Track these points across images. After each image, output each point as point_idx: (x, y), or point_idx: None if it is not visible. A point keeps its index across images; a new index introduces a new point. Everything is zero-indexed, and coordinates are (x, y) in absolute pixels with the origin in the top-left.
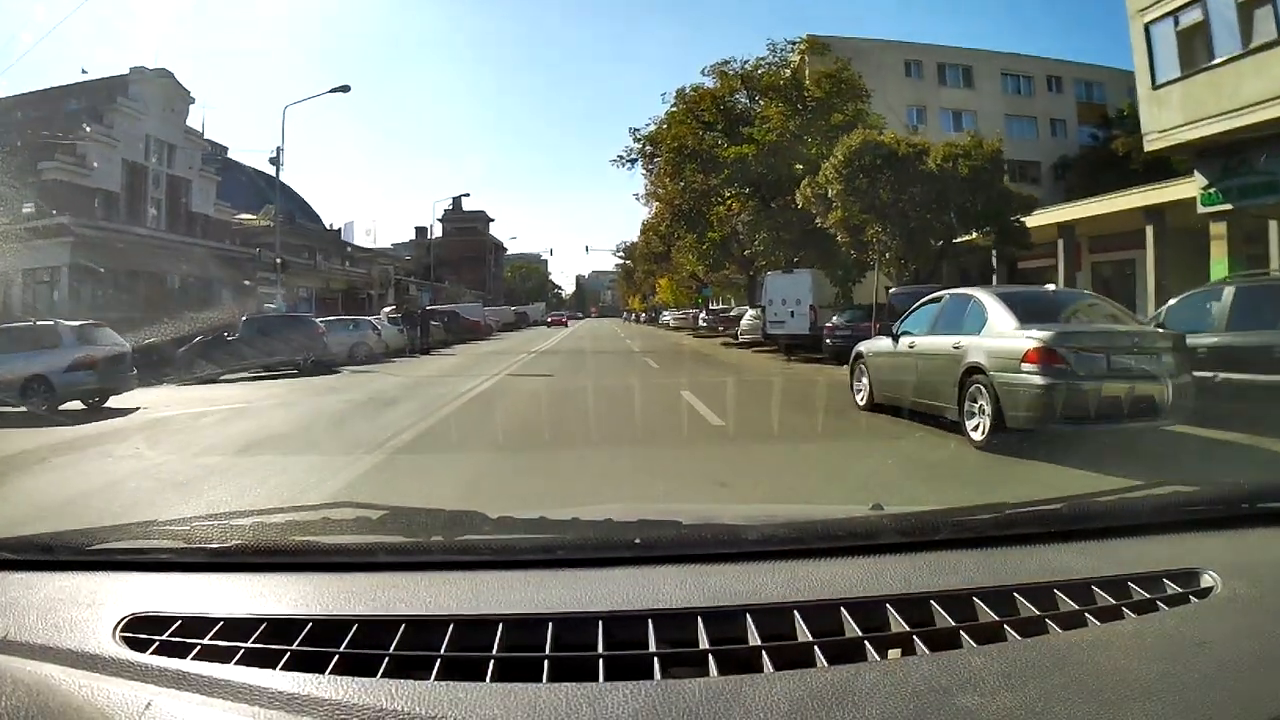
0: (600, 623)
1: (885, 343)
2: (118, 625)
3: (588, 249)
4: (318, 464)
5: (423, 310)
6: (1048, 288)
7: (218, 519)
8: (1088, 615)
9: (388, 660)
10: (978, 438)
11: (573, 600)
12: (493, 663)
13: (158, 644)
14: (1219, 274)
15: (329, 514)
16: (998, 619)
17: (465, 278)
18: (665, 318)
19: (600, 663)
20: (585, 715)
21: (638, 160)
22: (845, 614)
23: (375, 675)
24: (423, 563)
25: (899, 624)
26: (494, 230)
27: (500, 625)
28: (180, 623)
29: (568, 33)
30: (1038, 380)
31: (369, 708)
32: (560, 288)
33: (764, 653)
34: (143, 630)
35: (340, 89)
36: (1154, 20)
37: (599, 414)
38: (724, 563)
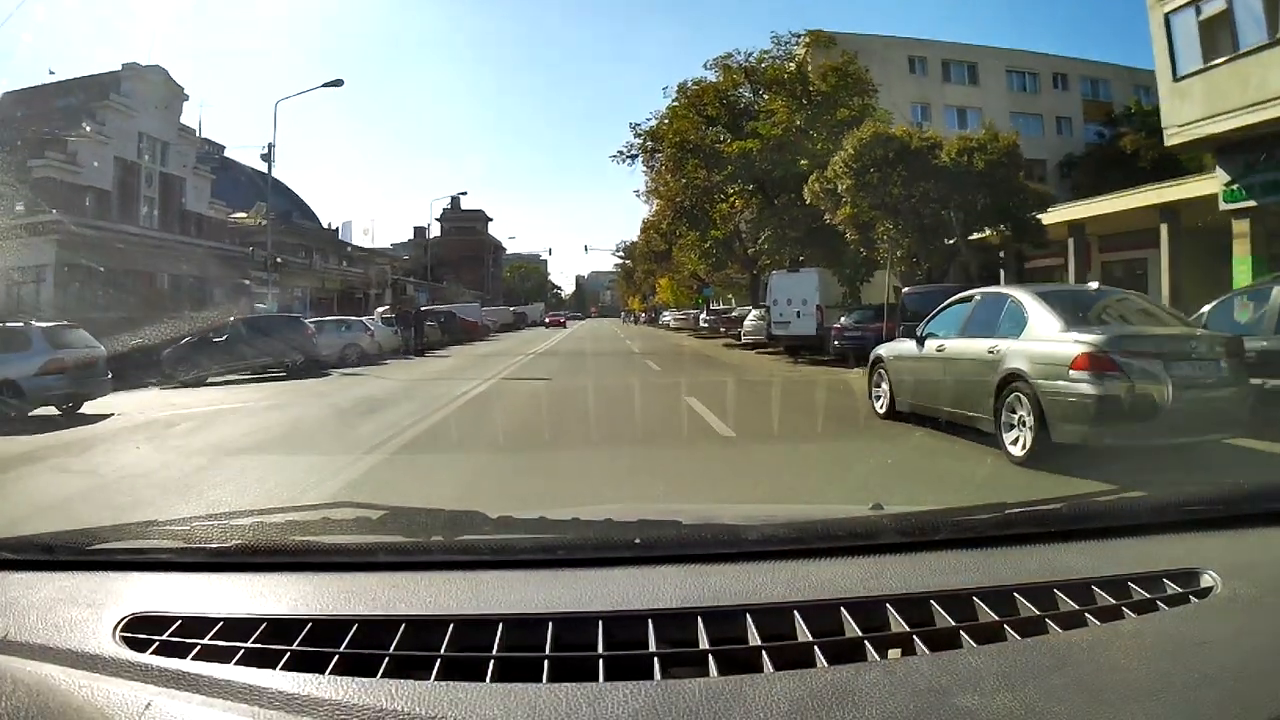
0: (600, 623)
1: (908, 346)
2: (118, 625)
3: (587, 248)
4: (285, 481)
5: (416, 310)
6: (1090, 286)
7: (218, 519)
8: (1088, 615)
9: (388, 660)
10: (1017, 452)
11: (573, 600)
12: (493, 663)
13: (158, 644)
14: (1242, 273)
15: (329, 514)
16: (998, 619)
17: (464, 278)
18: (665, 318)
19: (600, 663)
20: (585, 715)
21: (638, 156)
22: (845, 614)
23: (375, 675)
24: (423, 563)
25: (899, 624)
26: (493, 230)
27: (500, 625)
28: (180, 623)
29: (567, 32)
30: (1088, 389)
31: (369, 708)
32: (559, 288)
33: (764, 653)
34: (143, 630)
35: (333, 83)
36: (1174, 9)
37: (598, 421)
38: (724, 563)
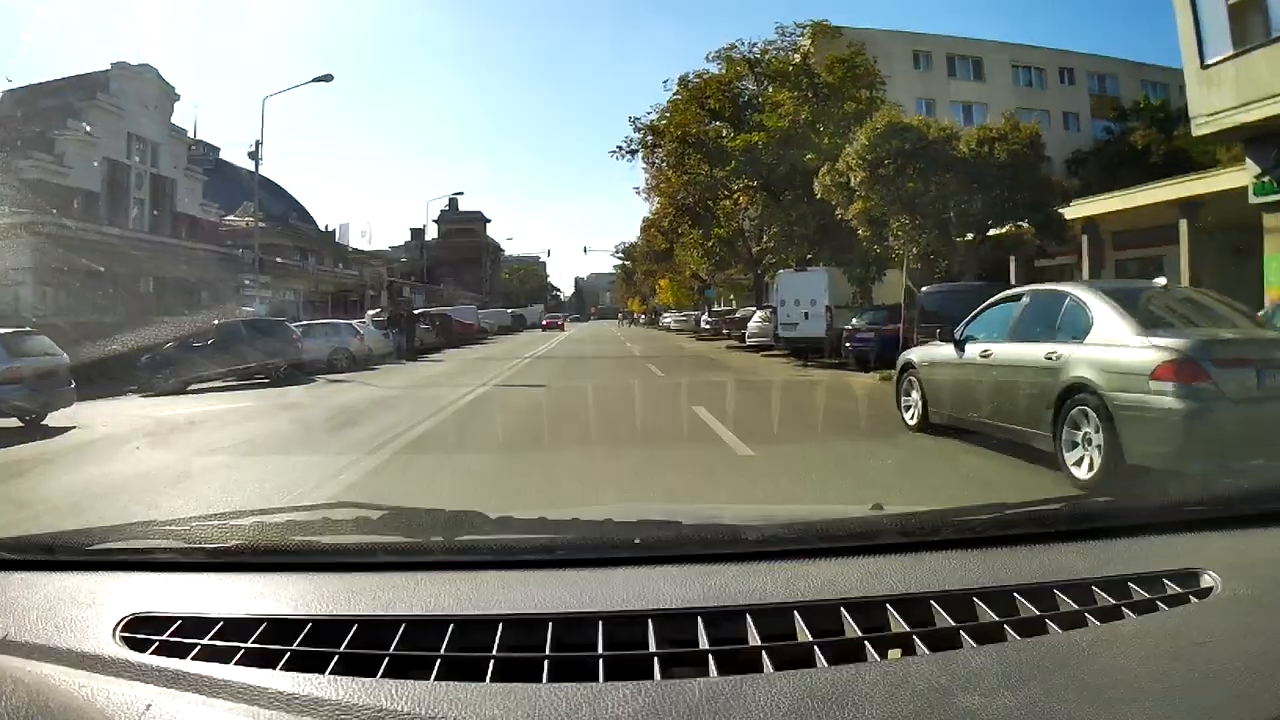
0: (600, 623)
1: (945, 351)
2: (118, 625)
3: (586, 250)
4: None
5: (408, 313)
6: (1156, 282)
7: (218, 519)
8: (1088, 615)
9: (388, 660)
10: (1082, 474)
11: (573, 600)
12: (493, 663)
13: (158, 644)
14: (1275, 271)
15: (329, 514)
16: (998, 619)
17: (462, 280)
18: (666, 320)
19: (600, 663)
20: (585, 715)
21: (638, 151)
22: (845, 614)
23: (375, 675)
24: (423, 563)
25: (899, 624)
26: (491, 232)
27: (500, 625)
28: (180, 623)
29: (567, 32)
30: (1173, 403)
31: (369, 708)
32: (558, 290)
33: (764, 653)
34: (143, 630)
35: (322, 78)
36: None
37: (598, 435)
38: (724, 563)
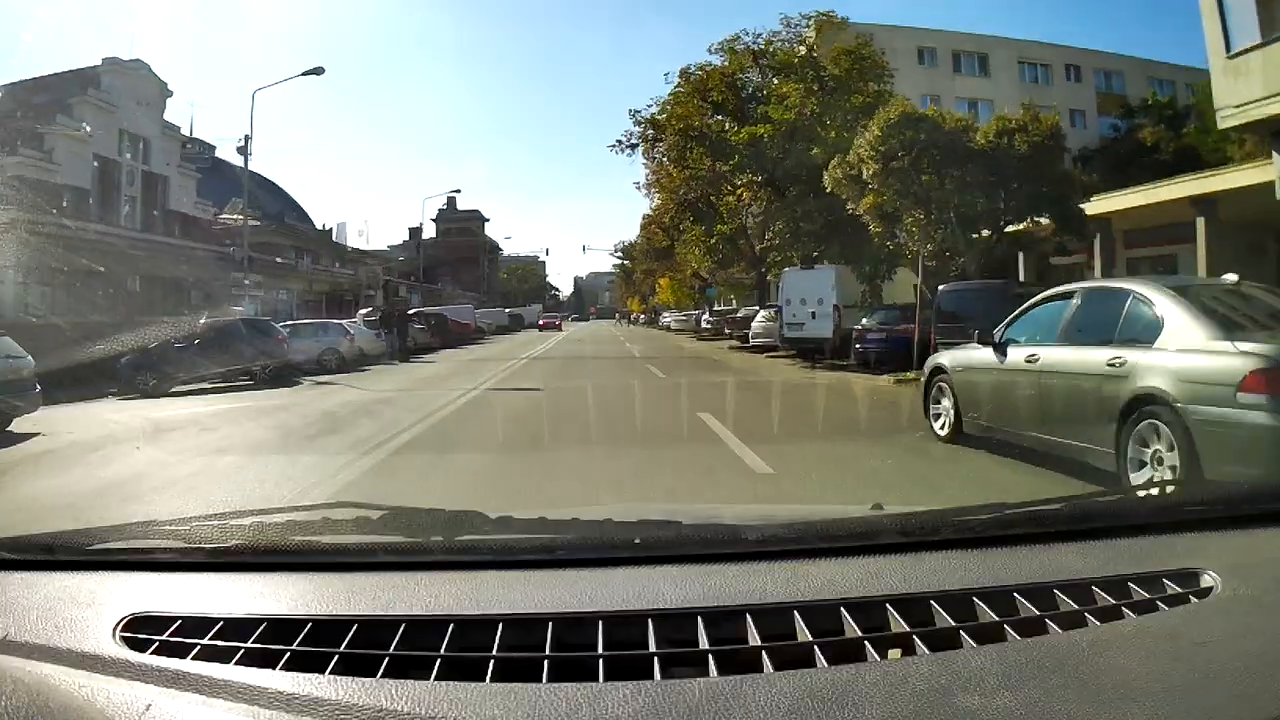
0: (600, 623)
1: (983, 355)
2: (118, 625)
3: (585, 249)
4: None
5: (400, 313)
6: (1227, 279)
7: (218, 519)
8: (1088, 615)
9: (388, 660)
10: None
11: (573, 600)
12: (493, 663)
13: (158, 644)
14: None
15: (329, 514)
16: (998, 619)
17: (461, 279)
18: (665, 319)
19: (600, 663)
20: (585, 715)
21: (638, 145)
22: (845, 614)
23: (375, 675)
24: (423, 563)
25: (899, 624)
26: (490, 231)
27: (500, 625)
28: (180, 623)
29: (567, 31)
30: (1267, 419)
31: (369, 708)
32: (557, 289)
33: (764, 653)
34: (143, 630)
35: (313, 71)
36: None
37: (598, 441)
38: (724, 563)
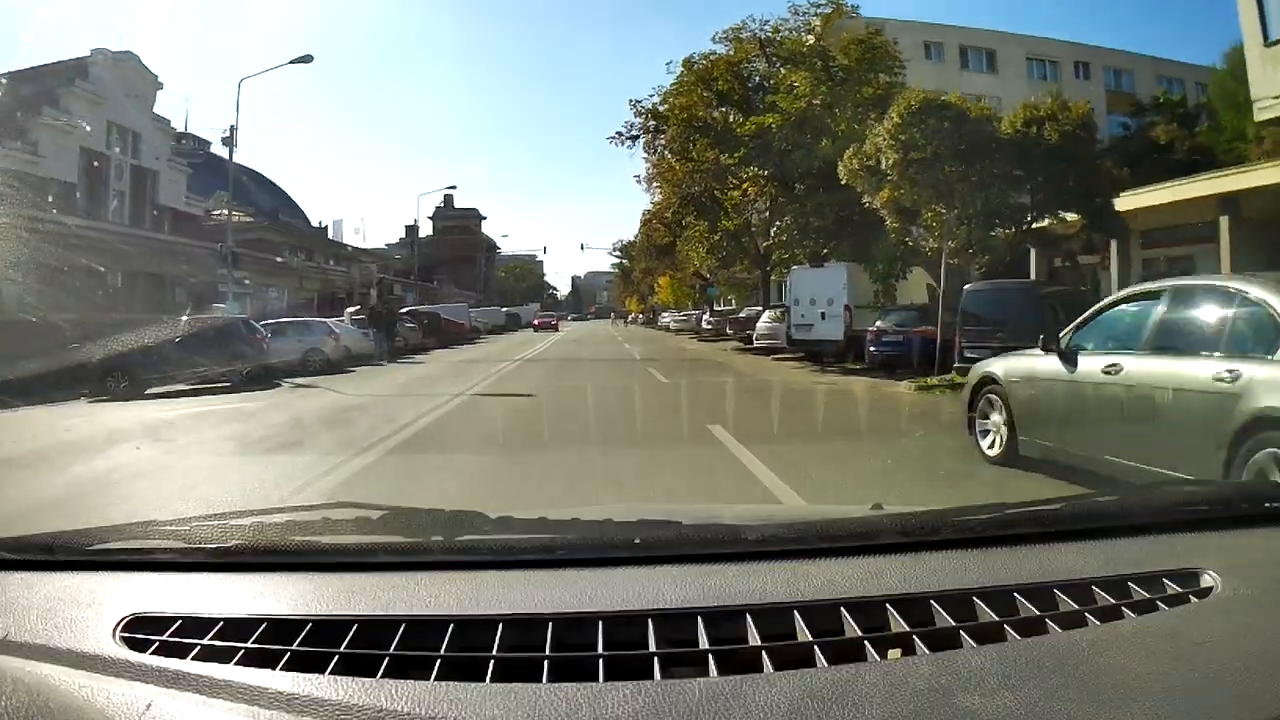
0: (600, 623)
1: (1046, 364)
2: (118, 625)
3: (583, 247)
4: None
5: (388, 311)
6: None
7: (218, 519)
8: (1088, 615)
9: (388, 660)
10: None
11: (573, 600)
12: (493, 663)
13: (158, 644)
14: None
15: (329, 514)
16: (998, 619)
17: (457, 278)
18: (665, 319)
19: (600, 663)
20: (585, 715)
21: (639, 137)
22: (845, 614)
23: (375, 675)
24: (423, 563)
25: (899, 624)
26: (487, 229)
27: (500, 625)
28: (180, 623)
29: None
30: None
31: (369, 708)
32: (555, 289)
33: (764, 653)
34: (142, 630)
35: (301, 59)
36: None
37: (597, 448)
38: (724, 563)
